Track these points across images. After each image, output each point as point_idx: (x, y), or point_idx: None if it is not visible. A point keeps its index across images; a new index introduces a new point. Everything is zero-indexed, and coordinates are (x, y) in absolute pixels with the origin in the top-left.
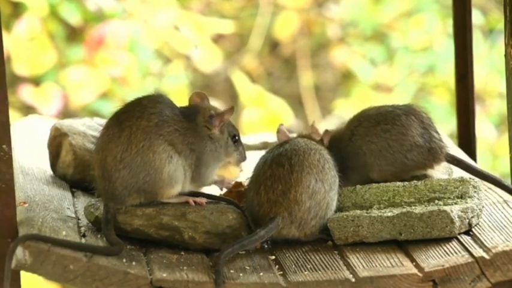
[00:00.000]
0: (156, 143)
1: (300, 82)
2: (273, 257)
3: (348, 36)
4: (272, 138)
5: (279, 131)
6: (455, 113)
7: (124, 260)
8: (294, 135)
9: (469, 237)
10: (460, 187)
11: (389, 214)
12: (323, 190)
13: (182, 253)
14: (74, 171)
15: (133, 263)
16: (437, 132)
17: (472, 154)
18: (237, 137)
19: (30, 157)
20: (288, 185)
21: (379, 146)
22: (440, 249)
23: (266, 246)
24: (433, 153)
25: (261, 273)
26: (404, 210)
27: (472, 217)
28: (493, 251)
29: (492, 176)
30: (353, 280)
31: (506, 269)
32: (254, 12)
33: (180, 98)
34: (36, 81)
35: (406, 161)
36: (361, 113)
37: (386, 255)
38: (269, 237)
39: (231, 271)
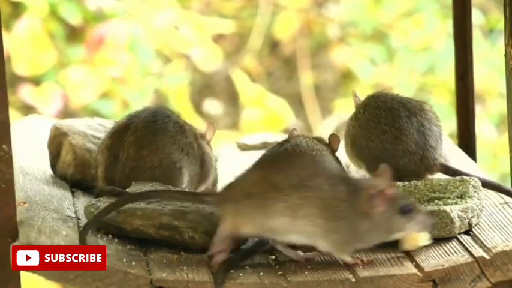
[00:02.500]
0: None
1: (300, 82)
2: (273, 257)
3: (348, 36)
4: (272, 138)
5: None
6: (455, 113)
7: (124, 260)
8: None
9: (469, 237)
10: (460, 187)
11: None
12: None
13: (182, 253)
14: (74, 171)
15: (134, 263)
16: (437, 139)
17: (472, 154)
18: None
19: (30, 157)
20: None
21: (375, 146)
22: (440, 249)
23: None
24: (425, 163)
25: (261, 273)
26: None
27: (472, 217)
28: (493, 251)
29: (491, 182)
30: (353, 280)
31: (506, 269)
32: (254, 12)
33: (181, 98)
34: (36, 81)
35: (399, 167)
36: (372, 97)
37: (386, 255)
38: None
39: (231, 271)
